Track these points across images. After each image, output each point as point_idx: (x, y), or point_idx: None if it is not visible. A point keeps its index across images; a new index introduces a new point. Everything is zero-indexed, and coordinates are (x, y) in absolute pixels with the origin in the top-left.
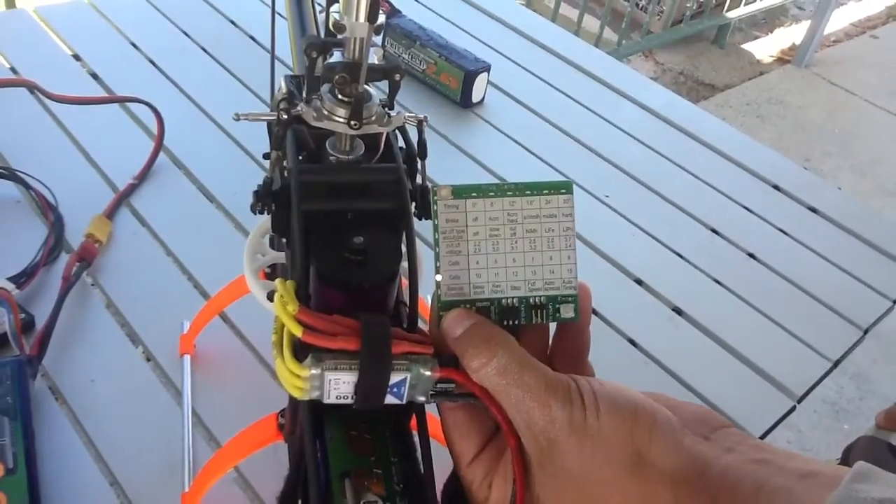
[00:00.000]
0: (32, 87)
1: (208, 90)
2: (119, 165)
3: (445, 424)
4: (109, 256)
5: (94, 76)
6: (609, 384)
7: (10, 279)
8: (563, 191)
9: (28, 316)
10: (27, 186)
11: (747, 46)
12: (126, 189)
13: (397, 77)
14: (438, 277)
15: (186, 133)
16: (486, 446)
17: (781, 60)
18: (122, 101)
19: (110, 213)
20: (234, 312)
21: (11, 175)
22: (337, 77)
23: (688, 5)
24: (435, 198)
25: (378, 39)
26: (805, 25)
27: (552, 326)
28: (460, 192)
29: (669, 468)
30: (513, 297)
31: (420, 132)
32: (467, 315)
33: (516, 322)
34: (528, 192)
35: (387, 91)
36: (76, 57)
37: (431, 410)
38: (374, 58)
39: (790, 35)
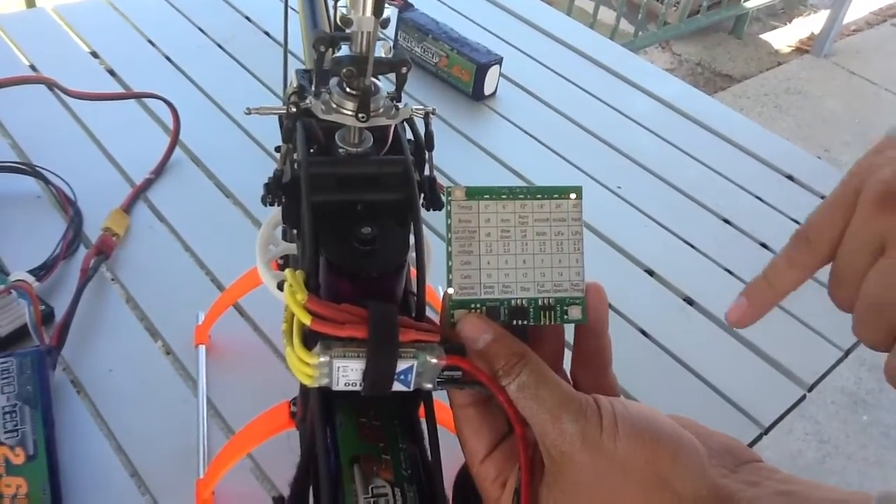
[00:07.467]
0: (51, 85)
1: (223, 85)
2: (136, 160)
3: (458, 421)
4: (127, 249)
5: (112, 73)
6: (634, 406)
7: (31, 272)
8: (573, 195)
9: (48, 308)
10: (47, 182)
11: (765, 36)
12: (143, 184)
13: (404, 70)
14: (450, 276)
15: (202, 128)
16: (498, 445)
17: (800, 50)
18: (138, 96)
19: (127, 208)
20: (248, 303)
21: (32, 171)
22: (344, 70)
23: None
24: (449, 198)
25: (391, 32)
26: (824, 14)
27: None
28: (473, 193)
29: (691, 496)
30: (522, 298)
31: (427, 124)
32: (486, 326)
33: (525, 322)
34: (539, 196)
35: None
36: (94, 54)
37: (438, 398)
38: (382, 51)
39: (809, 24)
